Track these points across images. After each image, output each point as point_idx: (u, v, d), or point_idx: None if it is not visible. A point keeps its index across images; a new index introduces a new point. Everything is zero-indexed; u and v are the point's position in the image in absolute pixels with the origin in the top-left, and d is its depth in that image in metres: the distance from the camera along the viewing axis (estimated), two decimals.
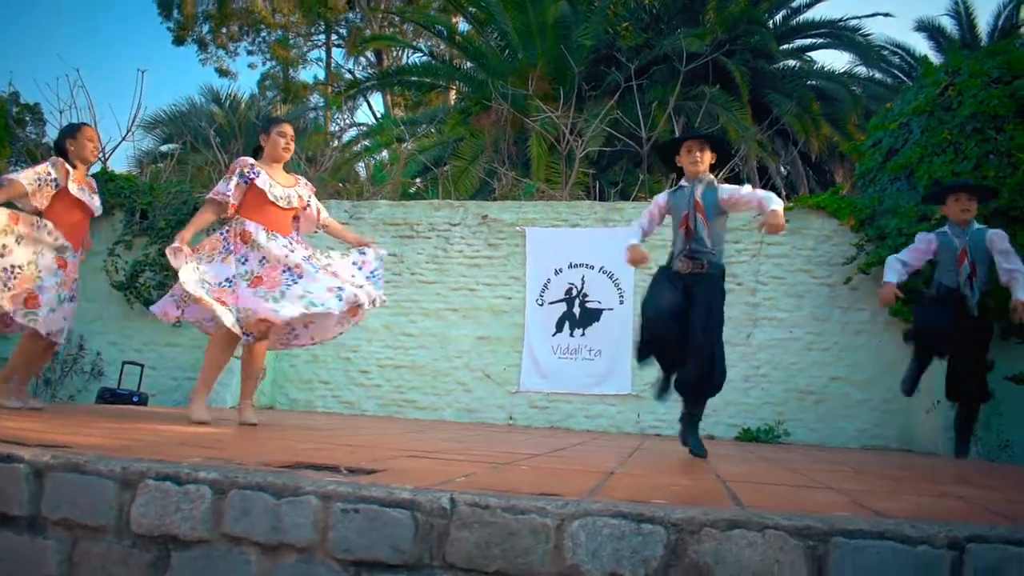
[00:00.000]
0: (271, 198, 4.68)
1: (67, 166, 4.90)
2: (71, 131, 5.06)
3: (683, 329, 3.85)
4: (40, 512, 2.03)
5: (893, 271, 5.44)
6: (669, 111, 11.86)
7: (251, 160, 4.78)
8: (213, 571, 1.86)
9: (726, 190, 4.03)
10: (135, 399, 8.32)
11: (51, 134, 20.98)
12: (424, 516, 1.77)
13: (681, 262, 4.01)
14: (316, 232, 5.31)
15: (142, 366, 8.93)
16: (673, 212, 4.15)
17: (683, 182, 4.16)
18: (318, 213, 5.13)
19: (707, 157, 4.10)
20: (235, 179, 4.65)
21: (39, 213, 4.82)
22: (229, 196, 4.61)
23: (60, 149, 4.99)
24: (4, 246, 4.51)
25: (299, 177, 5.12)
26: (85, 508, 1.98)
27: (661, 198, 4.26)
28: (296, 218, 4.99)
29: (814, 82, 16.62)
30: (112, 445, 2.60)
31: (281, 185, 4.78)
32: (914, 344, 5.46)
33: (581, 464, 3.16)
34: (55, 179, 4.84)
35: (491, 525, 1.74)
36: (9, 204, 4.85)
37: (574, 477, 2.60)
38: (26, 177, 4.74)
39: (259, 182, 4.65)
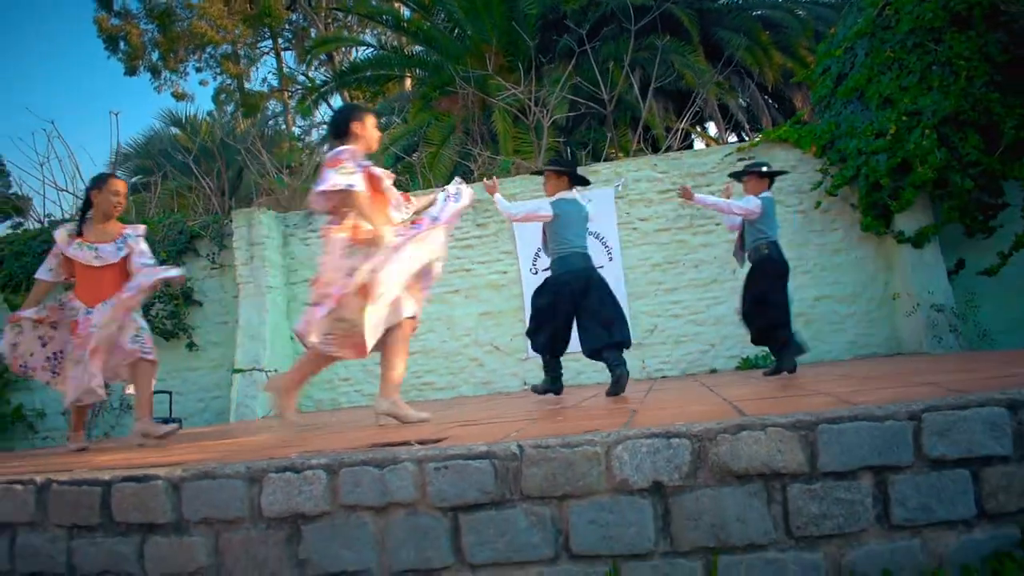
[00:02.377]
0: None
1: (66, 233, 4.81)
2: (97, 183, 4.89)
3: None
4: (183, 516, 2.49)
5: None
6: (625, 67, 12.22)
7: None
8: (338, 535, 2.32)
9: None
10: (173, 423, 8.73)
11: (24, 180, 21.13)
12: (500, 462, 2.24)
13: None
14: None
15: (170, 393, 9.35)
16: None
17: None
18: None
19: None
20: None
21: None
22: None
23: (86, 200, 4.89)
24: (42, 336, 4.76)
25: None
26: (222, 505, 2.44)
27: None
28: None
29: (759, 12, 16.97)
30: (213, 458, 3.05)
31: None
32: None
33: (606, 409, 3.64)
34: (59, 252, 4.83)
35: (553, 460, 2.21)
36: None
37: (606, 416, 3.07)
38: (45, 269, 4.88)
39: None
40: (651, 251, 8.98)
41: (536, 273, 9.28)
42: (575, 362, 9.02)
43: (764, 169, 5.71)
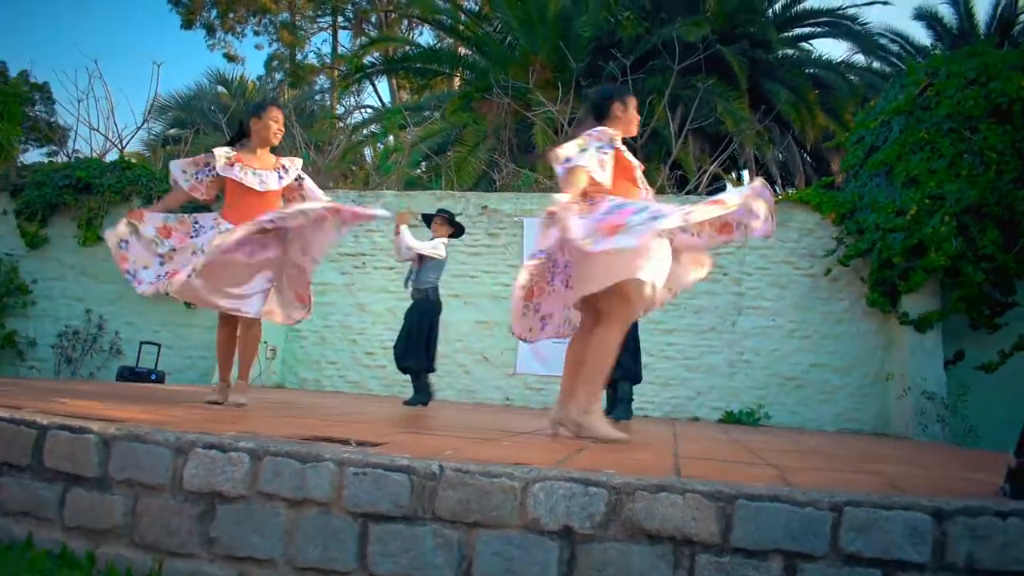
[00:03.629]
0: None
1: (225, 156, 4.47)
2: (256, 110, 4.60)
3: None
4: (108, 473, 2.51)
5: None
6: (664, 102, 12.22)
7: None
8: (250, 520, 2.33)
9: None
10: (152, 377, 8.82)
11: (60, 113, 21.46)
12: (418, 479, 2.25)
13: None
14: None
15: (159, 345, 9.43)
16: None
17: None
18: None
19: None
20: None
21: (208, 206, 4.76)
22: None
23: (242, 129, 4.61)
24: (162, 255, 4.34)
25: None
26: (146, 470, 2.46)
27: None
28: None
29: (811, 71, 16.93)
30: (158, 420, 3.07)
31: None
32: None
33: (558, 442, 3.63)
34: (210, 168, 4.50)
35: (470, 486, 2.22)
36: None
37: (548, 451, 3.07)
38: (186, 181, 4.53)
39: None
40: None
41: None
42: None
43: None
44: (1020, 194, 7.50)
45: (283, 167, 4.62)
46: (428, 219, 6.96)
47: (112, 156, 11.96)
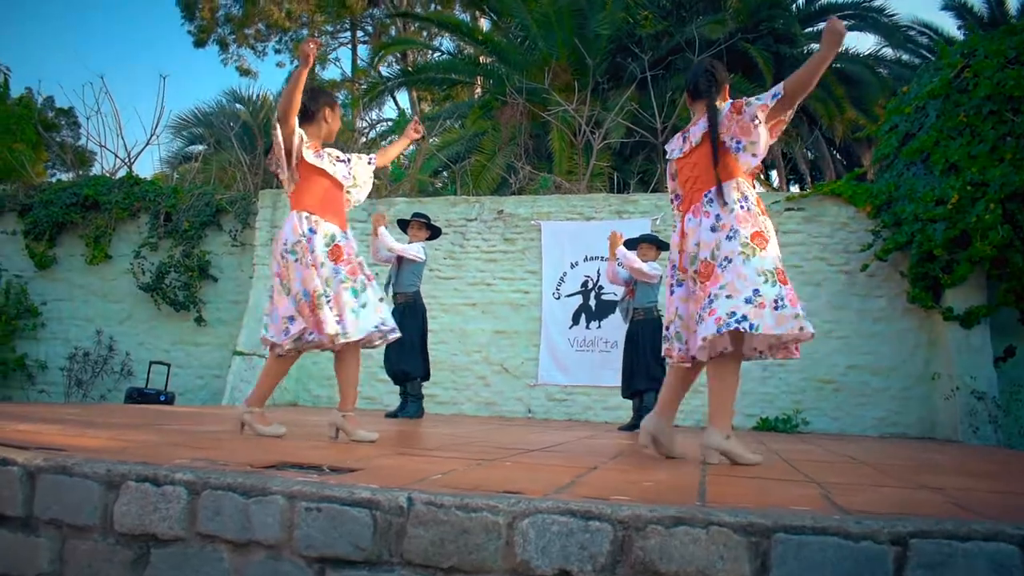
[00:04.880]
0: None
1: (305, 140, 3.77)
2: (332, 100, 3.99)
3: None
4: (33, 512, 2.15)
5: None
6: (685, 100, 11.78)
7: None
8: (188, 567, 1.96)
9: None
10: (162, 398, 8.54)
11: (83, 140, 21.51)
12: (383, 514, 1.85)
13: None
14: None
15: (168, 366, 9.15)
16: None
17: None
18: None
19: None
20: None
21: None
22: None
23: (310, 114, 3.80)
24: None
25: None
26: (73, 508, 2.09)
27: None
28: None
29: (838, 65, 16.37)
30: (109, 447, 2.72)
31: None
32: None
33: (569, 460, 3.23)
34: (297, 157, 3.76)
35: (445, 523, 1.82)
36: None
37: (552, 473, 2.67)
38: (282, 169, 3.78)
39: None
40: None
41: (559, 298, 8.90)
42: (584, 396, 8.62)
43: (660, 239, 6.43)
44: None
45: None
46: (404, 224, 6.96)
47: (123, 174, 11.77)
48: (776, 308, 2.95)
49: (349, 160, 3.99)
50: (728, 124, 3.17)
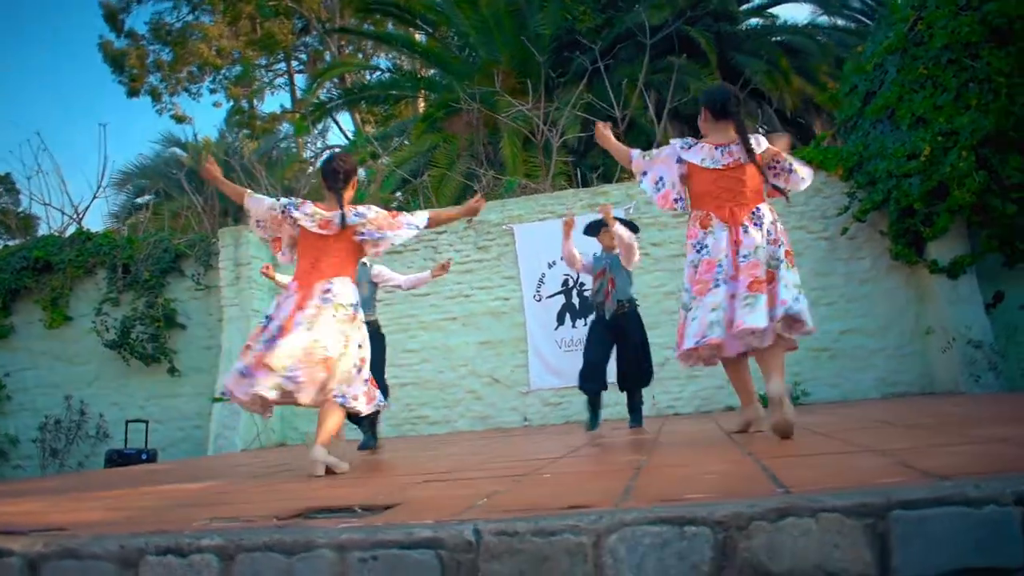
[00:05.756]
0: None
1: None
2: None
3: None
4: None
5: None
6: (640, 87, 11.70)
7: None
8: None
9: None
10: (144, 456, 8.18)
11: (24, 203, 20.85)
12: (449, 553, 1.63)
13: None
14: None
15: (146, 422, 8.78)
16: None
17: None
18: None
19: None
20: None
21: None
22: None
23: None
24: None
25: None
26: None
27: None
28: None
29: (779, 38, 16.49)
30: (112, 519, 2.45)
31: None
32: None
33: (605, 462, 3.03)
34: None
35: (522, 553, 1.60)
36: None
37: (601, 479, 2.46)
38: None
39: None
40: (664, 278, 8.35)
41: (541, 300, 8.70)
42: (579, 397, 8.40)
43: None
44: None
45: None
46: None
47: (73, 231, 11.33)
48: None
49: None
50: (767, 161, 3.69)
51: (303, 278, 3.82)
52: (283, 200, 3.95)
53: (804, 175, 3.77)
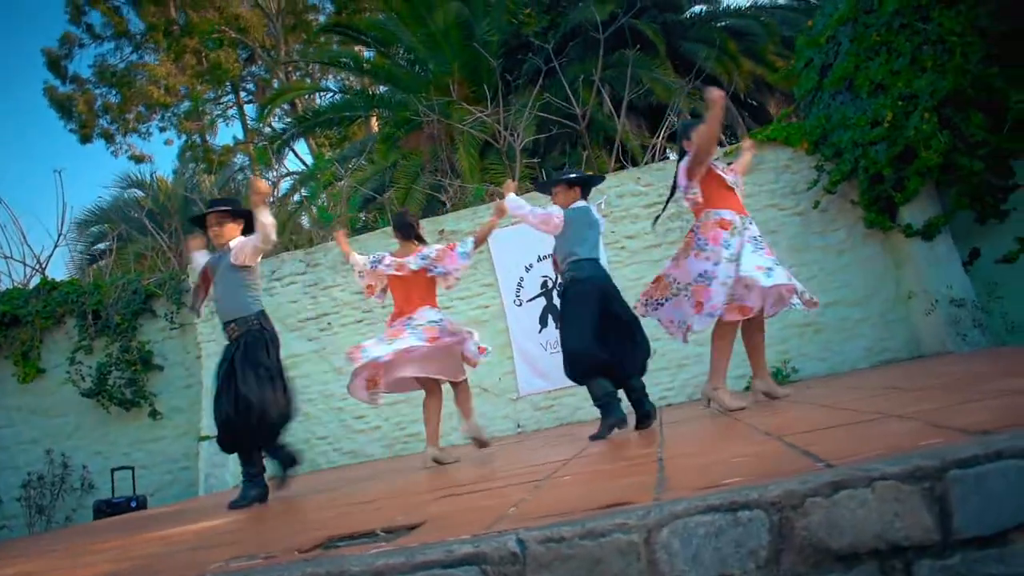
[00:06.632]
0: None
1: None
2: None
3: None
4: None
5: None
6: (596, 83, 11.69)
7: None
8: None
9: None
10: (133, 504, 7.97)
11: None
12: (494, 567, 1.54)
13: None
14: None
15: (132, 469, 8.57)
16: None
17: None
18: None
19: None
20: None
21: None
22: None
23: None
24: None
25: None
26: None
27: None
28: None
29: (725, 23, 16.61)
30: (120, 570, 2.33)
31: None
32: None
33: (621, 459, 2.96)
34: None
35: (571, 559, 1.52)
36: None
37: (625, 475, 2.39)
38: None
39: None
40: (642, 270, 8.32)
41: (521, 304, 8.63)
42: (570, 397, 8.35)
43: (572, 176, 5.02)
44: (994, 71, 7.02)
45: None
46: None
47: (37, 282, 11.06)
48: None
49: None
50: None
51: (397, 310, 5.21)
52: (370, 257, 5.24)
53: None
